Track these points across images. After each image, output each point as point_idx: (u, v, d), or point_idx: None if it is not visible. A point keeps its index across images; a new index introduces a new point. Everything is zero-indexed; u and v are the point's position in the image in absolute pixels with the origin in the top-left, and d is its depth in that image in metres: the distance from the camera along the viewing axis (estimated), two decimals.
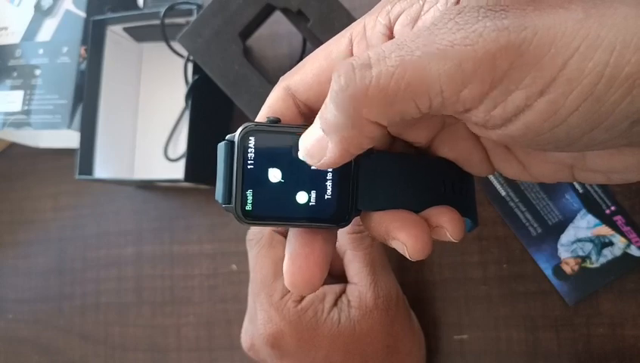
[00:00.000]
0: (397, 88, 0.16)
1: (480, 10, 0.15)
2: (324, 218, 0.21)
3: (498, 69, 0.15)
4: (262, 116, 0.22)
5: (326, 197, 0.21)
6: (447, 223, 0.21)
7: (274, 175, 0.20)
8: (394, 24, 0.19)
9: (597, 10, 0.15)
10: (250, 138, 0.20)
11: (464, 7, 0.16)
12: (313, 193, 0.21)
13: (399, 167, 0.22)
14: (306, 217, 0.21)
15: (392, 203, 0.21)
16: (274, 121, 0.21)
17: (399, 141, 0.23)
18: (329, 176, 0.21)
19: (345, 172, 0.21)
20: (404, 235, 0.20)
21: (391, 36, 0.19)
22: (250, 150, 0.20)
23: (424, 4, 0.18)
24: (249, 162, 0.20)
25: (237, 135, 0.20)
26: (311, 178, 0.21)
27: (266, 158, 0.20)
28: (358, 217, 0.22)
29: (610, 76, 0.14)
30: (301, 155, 0.19)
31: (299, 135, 0.20)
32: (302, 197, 0.21)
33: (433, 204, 0.21)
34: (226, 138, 0.21)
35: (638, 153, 0.18)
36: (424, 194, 0.22)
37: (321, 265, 0.21)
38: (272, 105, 0.22)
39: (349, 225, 0.22)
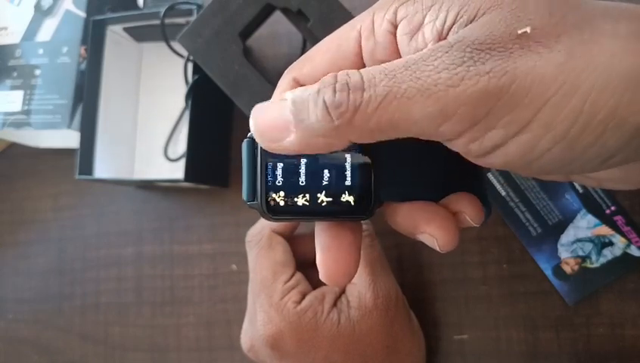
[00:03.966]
0: (380, 118, 0.16)
1: (465, 50, 0.16)
2: (347, 211, 0.21)
3: (477, 112, 0.16)
4: None
5: (348, 189, 0.21)
6: (467, 207, 0.21)
7: (296, 170, 0.21)
8: (399, 24, 0.19)
9: (583, 47, 0.15)
10: None
11: (451, 45, 0.16)
12: (335, 187, 0.21)
13: (416, 157, 0.22)
14: (328, 211, 0.21)
15: (412, 193, 0.22)
16: None
17: None
18: (350, 169, 0.21)
19: (365, 165, 0.21)
20: (433, 228, 0.21)
21: (395, 34, 0.20)
22: None
23: (425, 16, 0.18)
24: (271, 158, 0.21)
25: None
26: (332, 171, 0.21)
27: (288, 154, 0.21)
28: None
29: (584, 122, 0.15)
30: (252, 129, 0.19)
31: None
32: (323, 191, 0.21)
33: (450, 192, 0.22)
34: (248, 135, 0.21)
35: (624, 168, 0.18)
36: (441, 184, 0.22)
37: (354, 254, 0.22)
38: None
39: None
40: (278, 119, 0.18)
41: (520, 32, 0.16)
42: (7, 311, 0.50)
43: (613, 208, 0.36)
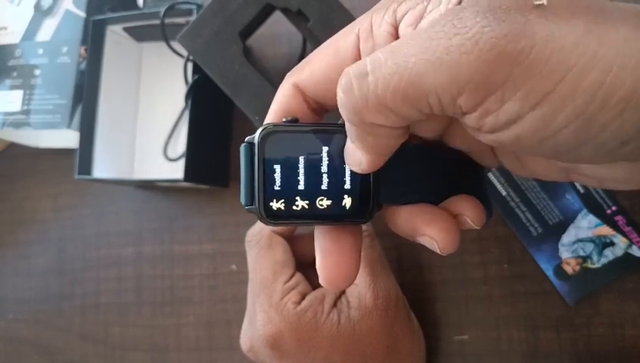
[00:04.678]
0: (395, 97, 0.16)
1: (479, 11, 0.15)
2: (346, 215, 0.21)
3: (494, 80, 0.15)
4: (273, 113, 0.22)
5: (347, 193, 0.21)
6: (468, 210, 0.21)
7: (295, 174, 0.21)
8: (400, 23, 0.19)
9: (598, 27, 0.15)
10: (270, 138, 0.20)
11: (463, 7, 0.16)
12: (334, 191, 0.21)
13: (415, 159, 0.22)
14: (327, 215, 0.21)
15: (412, 195, 0.21)
16: (292, 121, 0.21)
17: (412, 135, 0.23)
18: (349, 173, 0.21)
19: None
20: (433, 231, 0.20)
21: (397, 35, 0.19)
22: (270, 150, 0.20)
23: (427, 5, 0.18)
24: (269, 162, 0.20)
25: (256, 137, 0.20)
26: (331, 175, 0.21)
27: (286, 158, 0.21)
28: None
29: (604, 97, 0.14)
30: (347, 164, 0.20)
31: (317, 133, 0.20)
32: (323, 195, 0.21)
33: (450, 195, 0.21)
34: (246, 139, 0.21)
35: (628, 167, 0.18)
36: (442, 186, 0.22)
37: (355, 257, 0.21)
38: (283, 102, 0.22)
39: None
40: (349, 147, 0.20)
41: (536, 3, 0.15)
42: (7, 311, 0.50)
43: (614, 208, 0.36)
